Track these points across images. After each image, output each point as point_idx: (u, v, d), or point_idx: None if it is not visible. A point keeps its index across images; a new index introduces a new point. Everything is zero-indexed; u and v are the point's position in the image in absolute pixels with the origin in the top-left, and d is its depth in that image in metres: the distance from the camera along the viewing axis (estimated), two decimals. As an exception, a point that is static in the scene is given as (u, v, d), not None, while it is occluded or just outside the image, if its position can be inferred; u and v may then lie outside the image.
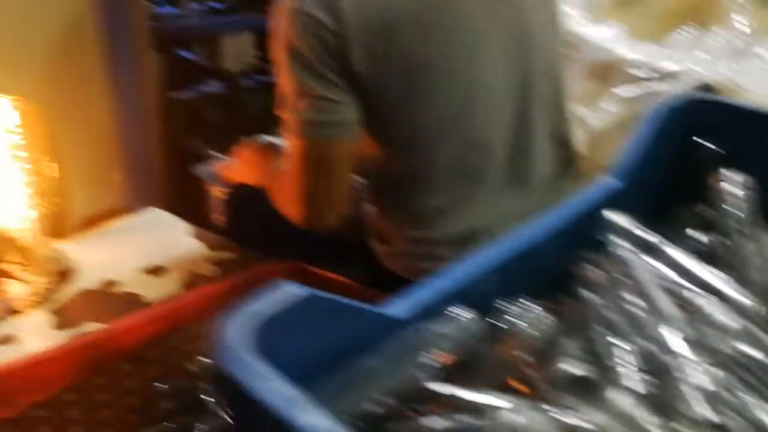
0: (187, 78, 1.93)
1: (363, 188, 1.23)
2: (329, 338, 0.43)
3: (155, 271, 1.31)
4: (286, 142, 1.09)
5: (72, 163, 1.34)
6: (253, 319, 0.39)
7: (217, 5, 1.81)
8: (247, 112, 1.80)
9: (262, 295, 0.40)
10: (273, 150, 1.35)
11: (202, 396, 1.06)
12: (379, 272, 1.26)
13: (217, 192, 1.49)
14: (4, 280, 1.24)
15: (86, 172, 1.38)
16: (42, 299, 1.20)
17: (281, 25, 1.02)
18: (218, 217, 1.51)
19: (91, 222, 1.42)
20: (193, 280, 1.29)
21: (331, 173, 1.09)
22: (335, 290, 1.16)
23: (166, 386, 1.09)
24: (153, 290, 1.25)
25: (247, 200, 1.53)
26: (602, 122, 1.64)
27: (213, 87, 1.94)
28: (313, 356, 0.41)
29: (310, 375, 0.38)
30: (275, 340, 0.38)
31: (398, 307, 0.47)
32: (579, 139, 1.36)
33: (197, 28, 1.77)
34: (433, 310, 0.48)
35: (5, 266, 1.29)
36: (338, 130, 1.05)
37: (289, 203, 1.14)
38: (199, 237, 1.42)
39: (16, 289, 1.23)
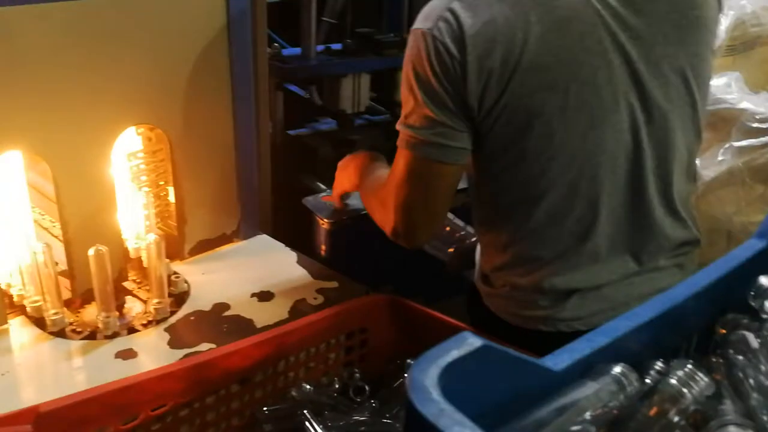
0: (305, 115, 2.02)
1: (475, 226, 1.24)
2: (498, 386, 0.45)
3: (264, 296, 1.36)
4: (398, 151, 1.11)
5: (190, 189, 1.42)
6: (438, 363, 0.41)
7: (338, 47, 1.88)
8: (357, 148, 1.85)
9: (447, 342, 0.43)
10: (376, 159, 1.40)
11: (304, 421, 1.09)
12: (480, 310, 1.26)
13: (323, 223, 1.54)
14: (125, 298, 1.32)
15: (203, 198, 1.45)
16: (159, 318, 1.27)
17: (412, 42, 1.04)
18: (323, 247, 1.56)
19: (206, 246, 1.49)
20: (298, 307, 1.33)
21: (433, 192, 1.11)
22: (433, 326, 1.18)
23: (271, 408, 1.12)
24: (261, 315, 1.29)
25: (351, 232, 1.58)
26: (715, 173, 1.58)
27: (328, 125, 2.02)
28: (484, 401, 0.43)
29: (480, 419, 0.39)
30: (455, 384, 0.40)
31: (559, 360, 0.49)
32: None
33: (318, 68, 1.82)
34: (591, 366, 0.49)
35: (126, 285, 1.37)
36: (446, 155, 1.06)
37: (385, 212, 1.17)
38: (304, 265, 1.46)
39: (135, 308, 1.30)
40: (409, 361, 1.18)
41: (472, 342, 0.44)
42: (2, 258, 1.26)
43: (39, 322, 1.24)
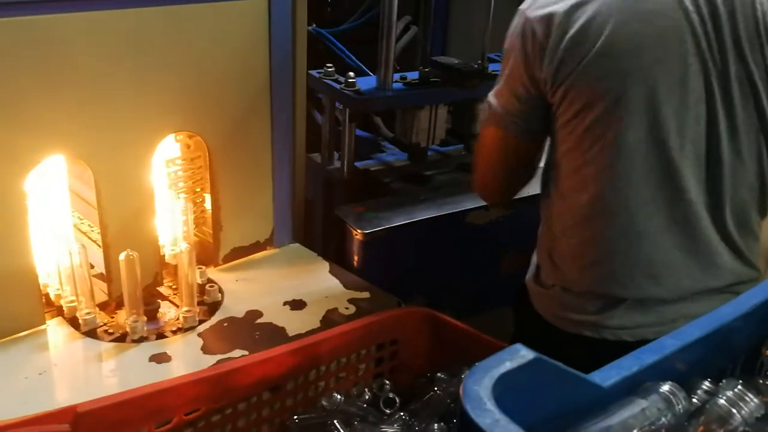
0: (375, 147, 1.94)
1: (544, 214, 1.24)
2: (547, 399, 0.45)
3: (296, 305, 1.36)
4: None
5: (227, 197, 1.44)
6: (491, 374, 0.41)
7: (414, 75, 1.75)
8: (431, 183, 1.78)
9: (500, 353, 0.43)
10: None
11: (333, 431, 1.09)
12: (526, 310, 1.27)
13: (356, 234, 1.54)
14: (160, 302, 1.33)
15: (239, 206, 1.47)
16: (186, 326, 1.27)
17: (515, 20, 1.12)
18: (356, 257, 1.56)
19: (240, 253, 1.50)
20: (330, 317, 1.33)
21: (504, 162, 1.22)
22: (466, 340, 1.17)
23: (301, 417, 1.13)
24: (293, 323, 1.30)
25: (384, 243, 1.58)
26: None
27: (395, 156, 1.92)
28: (534, 413, 0.43)
29: (530, 430, 0.39)
30: (506, 395, 0.40)
31: (607, 377, 0.49)
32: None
33: (395, 100, 1.70)
34: (638, 383, 0.49)
35: (162, 290, 1.39)
36: (520, 131, 1.15)
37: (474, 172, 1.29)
38: (337, 275, 1.47)
39: (169, 313, 1.32)
40: (440, 374, 1.18)
41: (524, 354, 0.44)
42: (41, 259, 1.29)
43: (74, 322, 1.26)
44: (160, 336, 1.25)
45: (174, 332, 1.27)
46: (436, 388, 1.16)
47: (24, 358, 1.17)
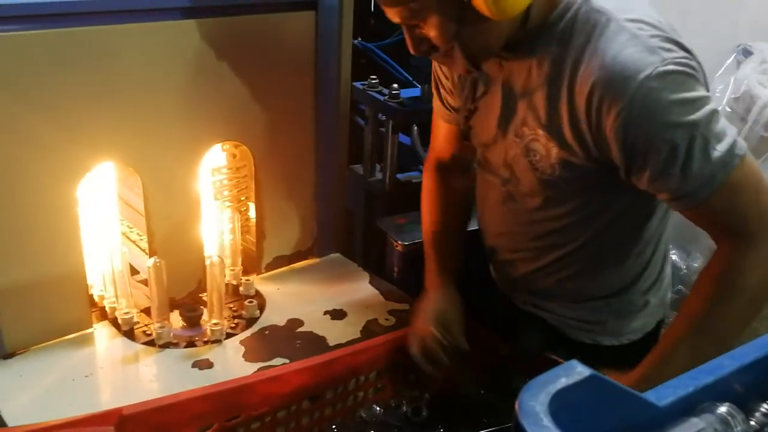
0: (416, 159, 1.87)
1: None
2: (602, 417, 0.45)
3: (336, 314, 1.37)
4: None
5: (271, 206, 1.45)
6: (547, 390, 0.41)
7: None
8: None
9: (556, 369, 0.43)
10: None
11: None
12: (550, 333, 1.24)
13: (397, 245, 1.54)
14: (204, 310, 1.35)
15: (282, 215, 1.48)
16: (213, 339, 1.28)
17: (668, 82, 0.92)
18: (396, 268, 1.56)
19: (282, 262, 1.52)
20: (370, 327, 1.33)
21: None
22: (502, 354, 1.16)
23: (340, 427, 1.13)
24: (333, 333, 1.30)
25: (423, 255, 1.57)
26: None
27: None
28: (588, 429, 0.43)
29: None
30: (562, 412, 0.40)
31: (662, 396, 0.48)
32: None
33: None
34: (693, 403, 0.48)
35: (205, 297, 1.40)
36: None
37: None
38: (377, 286, 1.47)
39: (213, 320, 1.33)
40: (477, 386, 1.17)
41: (580, 371, 0.44)
42: (91, 264, 1.31)
43: (120, 326, 1.28)
44: (194, 344, 1.26)
45: (205, 343, 1.27)
46: (475, 400, 1.15)
47: (71, 361, 1.20)
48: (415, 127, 1.75)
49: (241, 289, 1.42)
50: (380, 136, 1.70)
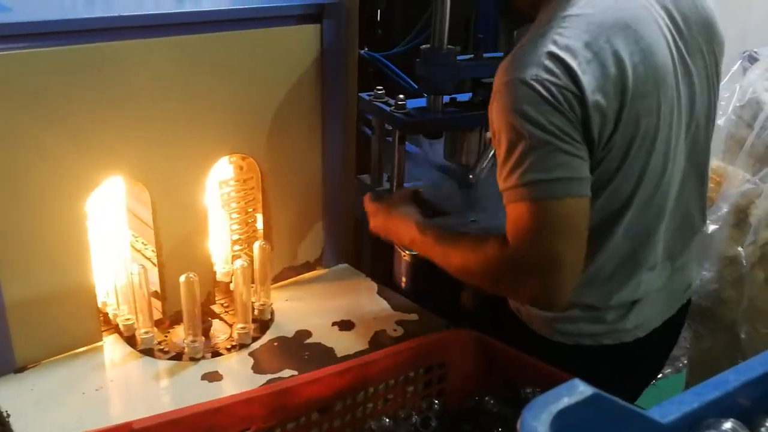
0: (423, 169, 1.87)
1: None
2: None
3: (345, 325, 1.37)
4: (516, 208, 1.04)
5: (278, 217, 1.46)
6: (549, 409, 0.41)
7: (464, 98, 1.71)
8: (479, 205, 1.75)
9: (558, 389, 0.43)
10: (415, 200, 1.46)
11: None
12: (528, 340, 1.27)
13: (404, 255, 1.54)
14: (212, 321, 1.36)
15: (290, 226, 1.49)
16: (241, 343, 1.30)
17: (514, 90, 1.01)
18: (404, 278, 1.56)
19: (289, 273, 1.52)
20: (378, 338, 1.33)
21: (577, 234, 1.04)
22: (516, 365, 1.16)
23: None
24: (342, 344, 1.31)
25: (432, 264, 1.58)
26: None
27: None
28: None
29: None
30: (565, 431, 0.40)
31: (666, 412, 0.48)
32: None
33: (446, 122, 1.67)
34: (699, 419, 0.48)
35: (213, 309, 1.41)
36: (579, 187, 1.02)
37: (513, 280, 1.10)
38: (385, 296, 1.47)
39: (221, 331, 1.34)
40: (488, 398, 1.17)
41: (583, 390, 0.44)
42: (100, 277, 1.33)
43: (130, 340, 1.29)
44: (215, 354, 1.27)
45: (228, 350, 1.29)
46: (485, 412, 1.15)
47: (82, 374, 1.21)
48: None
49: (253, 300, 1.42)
50: (387, 145, 1.71)
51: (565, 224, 1.02)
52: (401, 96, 1.66)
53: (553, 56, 1.00)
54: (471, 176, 1.70)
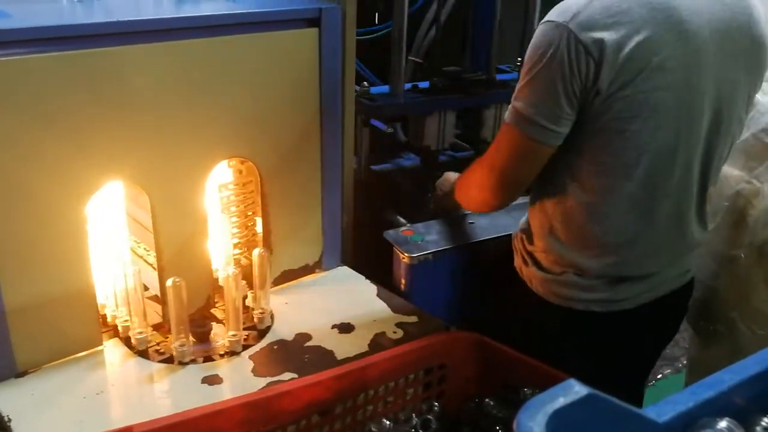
0: (390, 151, 2.06)
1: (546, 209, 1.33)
2: None
3: (344, 328, 1.37)
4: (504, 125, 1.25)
5: (277, 220, 1.47)
6: (545, 410, 0.41)
7: (425, 85, 1.90)
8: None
9: (554, 389, 0.43)
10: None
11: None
12: (527, 299, 1.38)
13: (404, 257, 1.55)
14: (212, 324, 1.36)
15: (289, 230, 1.49)
16: (232, 350, 1.29)
17: (546, 31, 1.14)
18: (403, 281, 1.57)
19: (289, 276, 1.53)
20: (378, 341, 1.33)
21: (532, 166, 1.25)
22: (515, 366, 1.17)
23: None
24: (342, 347, 1.31)
25: (431, 267, 1.58)
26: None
27: (411, 161, 2.05)
28: None
29: None
30: (560, 431, 0.40)
31: (662, 412, 0.48)
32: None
33: (406, 106, 1.85)
34: (694, 418, 0.48)
35: (213, 312, 1.42)
36: (554, 140, 1.19)
37: (481, 179, 1.34)
38: (384, 299, 1.47)
39: (221, 334, 1.34)
40: (487, 400, 1.18)
41: (578, 390, 0.44)
42: (99, 281, 1.33)
43: (129, 342, 1.30)
44: (211, 358, 1.28)
45: (222, 356, 1.29)
46: (485, 414, 1.15)
47: (82, 378, 1.21)
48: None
49: (251, 304, 1.43)
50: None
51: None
52: (365, 83, 1.79)
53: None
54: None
